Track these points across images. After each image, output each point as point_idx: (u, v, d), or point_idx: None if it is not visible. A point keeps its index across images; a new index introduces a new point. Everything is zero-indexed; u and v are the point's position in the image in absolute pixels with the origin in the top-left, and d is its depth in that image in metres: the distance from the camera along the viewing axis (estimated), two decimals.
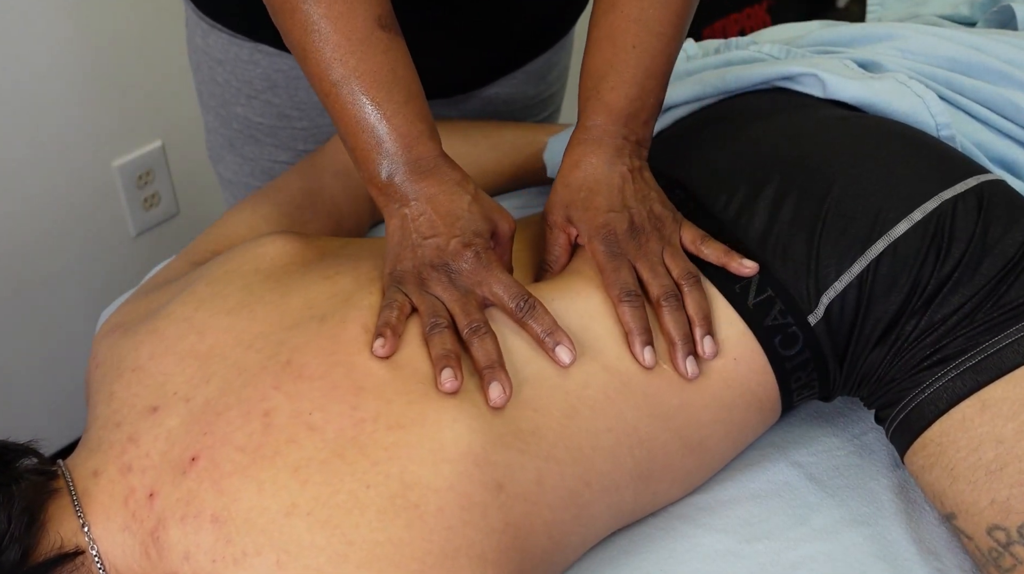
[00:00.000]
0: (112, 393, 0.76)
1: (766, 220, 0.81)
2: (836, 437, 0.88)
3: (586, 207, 0.81)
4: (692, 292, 0.79)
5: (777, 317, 0.79)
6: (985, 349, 0.74)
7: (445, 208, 0.76)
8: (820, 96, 0.91)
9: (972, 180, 0.79)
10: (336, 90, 0.76)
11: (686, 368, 0.77)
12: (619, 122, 0.82)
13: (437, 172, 0.77)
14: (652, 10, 0.81)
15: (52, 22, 1.45)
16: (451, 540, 0.66)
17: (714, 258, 0.80)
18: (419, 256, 0.76)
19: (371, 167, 0.77)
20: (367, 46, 0.76)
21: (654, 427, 0.77)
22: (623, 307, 0.77)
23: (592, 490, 0.74)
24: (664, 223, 0.82)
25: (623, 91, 0.82)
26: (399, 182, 0.76)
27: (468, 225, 0.76)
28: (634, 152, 0.83)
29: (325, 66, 0.76)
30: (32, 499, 0.70)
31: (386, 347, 0.72)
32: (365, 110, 0.76)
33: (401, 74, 0.77)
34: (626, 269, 0.79)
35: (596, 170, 0.82)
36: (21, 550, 0.67)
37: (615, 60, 0.82)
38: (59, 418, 1.64)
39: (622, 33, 0.81)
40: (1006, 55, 0.93)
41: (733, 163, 0.86)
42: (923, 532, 0.80)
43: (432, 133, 0.78)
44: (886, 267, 0.77)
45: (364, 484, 0.66)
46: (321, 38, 0.75)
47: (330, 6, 0.75)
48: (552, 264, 0.84)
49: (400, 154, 0.76)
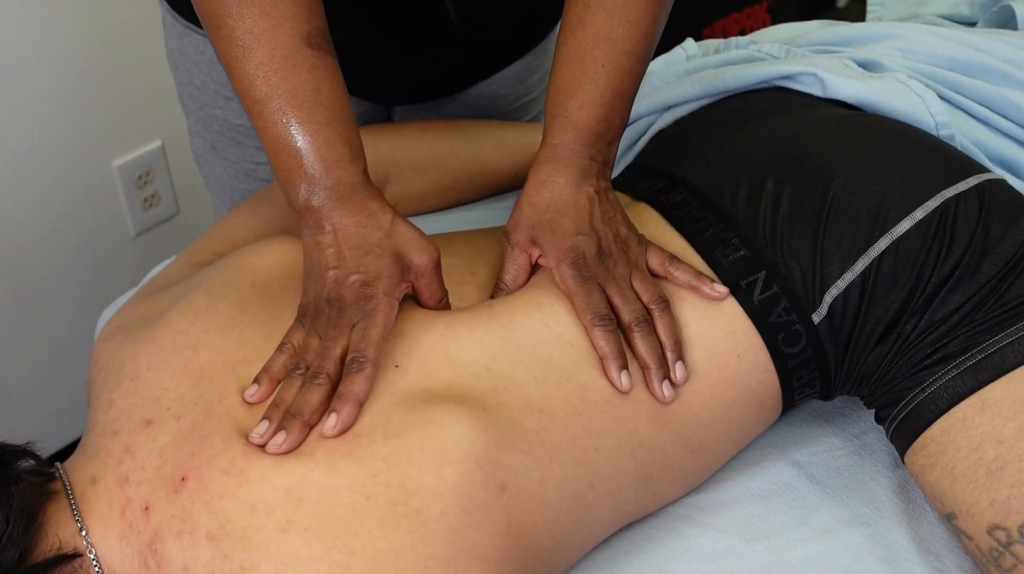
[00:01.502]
0: (111, 401, 0.76)
1: (771, 217, 0.81)
2: (836, 437, 0.88)
3: (553, 230, 0.79)
4: (663, 316, 0.78)
5: (781, 314, 0.79)
6: (985, 348, 0.74)
7: (354, 241, 0.74)
8: (820, 95, 0.91)
9: (973, 179, 0.79)
10: (259, 108, 0.74)
11: (662, 392, 0.76)
12: (586, 142, 0.81)
13: (355, 199, 0.75)
14: (621, 29, 0.79)
15: (52, 22, 1.45)
16: (453, 543, 0.65)
17: (684, 281, 0.80)
18: (322, 287, 0.74)
19: (291, 188, 0.75)
20: (292, 64, 0.74)
21: (654, 430, 0.77)
22: (596, 332, 0.76)
23: (596, 492, 0.74)
24: (630, 246, 0.81)
25: (591, 110, 0.80)
26: (316, 206, 0.74)
27: (374, 262, 0.74)
28: (600, 173, 0.82)
29: (249, 82, 0.74)
30: (30, 500, 0.70)
31: (256, 396, 0.72)
32: (286, 130, 0.74)
33: (326, 94, 0.75)
34: (597, 293, 0.78)
35: (563, 191, 0.80)
36: (19, 551, 0.67)
37: (584, 79, 0.80)
38: (58, 419, 1.64)
39: (591, 51, 0.80)
40: (1006, 55, 0.93)
41: (735, 161, 0.86)
42: (923, 532, 0.80)
43: (355, 156, 0.76)
44: (888, 265, 0.77)
45: (363, 496, 0.66)
46: (245, 53, 0.73)
47: (255, 21, 0.73)
48: (509, 283, 0.82)
49: (319, 177, 0.74)
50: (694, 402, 0.78)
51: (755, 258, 0.80)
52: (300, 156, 0.74)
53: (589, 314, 0.77)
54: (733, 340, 0.79)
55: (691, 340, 0.79)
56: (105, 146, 1.59)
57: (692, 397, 0.78)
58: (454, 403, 0.70)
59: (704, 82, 0.95)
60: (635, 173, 0.93)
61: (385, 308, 0.73)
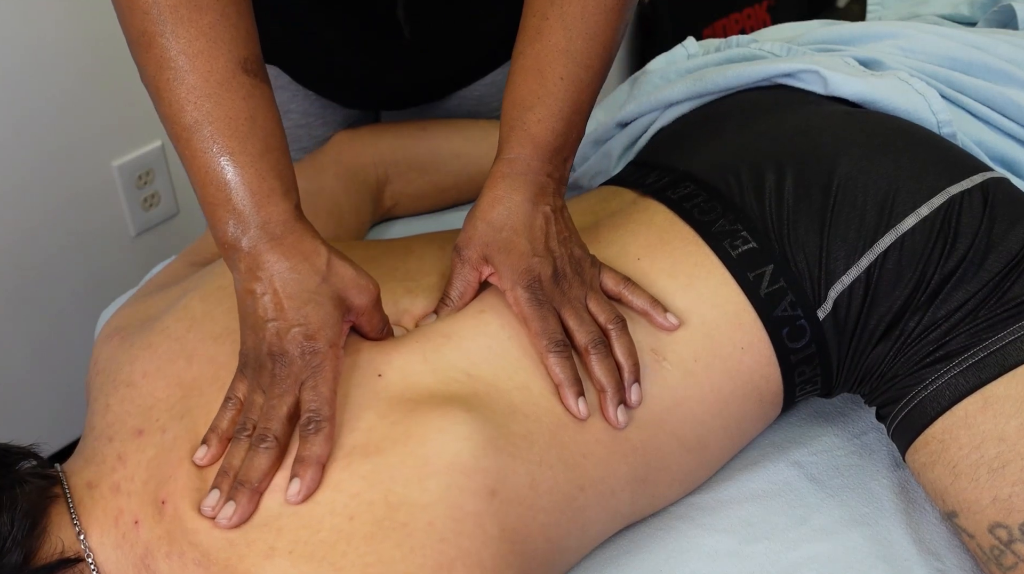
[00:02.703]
0: (108, 406, 0.77)
1: (778, 210, 0.81)
2: (836, 437, 0.88)
3: (508, 250, 0.77)
4: (620, 337, 0.76)
5: (787, 308, 0.79)
6: (988, 346, 0.74)
7: (291, 289, 0.70)
8: (822, 93, 0.91)
9: (978, 177, 0.79)
10: (188, 135, 0.69)
11: (616, 417, 0.75)
12: (544, 157, 0.78)
13: (288, 239, 0.70)
14: (580, 41, 0.77)
15: (52, 22, 1.45)
16: (445, 552, 0.65)
17: (638, 305, 0.79)
18: (261, 339, 0.70)
19: (218, 224, 0.70)
20: (226, 90, 0.69)
21: (647, 432, 0.77)
22: (551, 358, 0.74)
23: (587, 494, 0.74)
24: (584, 267, 0.79)
25: (550, 124, 0.78)
26: (246, 247, 0.70)
27: (314, 312, 0.70)
28: (556, 191, 0.80)
29: (179, 107, 0.69)
30: (35, 503, 0.70)
31: (206, 459, 0.70)
32: (216, 160, 0.69)
33: (260, 123, 0.70)
34: (552, 318, 0.76)
35: (519, 209, 0.77)
36: (23, 553, 0.68)
37: (543, 92, 0.77)
38: (58, 419, 1.64)
39: (550, 64, 0.77)
40: (1007, 54, 0.93)
41: (741, 155, 0.86)
42: (923, 532, 0.80)
43: (287, 191, 0.71)
44: (893, 261, 0.77)
45: (346, 517, 0.66)
46: (177, 76, 0.69)
47: (190, 42, 0.68)
48: (455, 299, 0.79)
49: (249, 214, 0.69)
50: (692, 397, 0.78)
51: (763, 251, 0.80)
52: (229, 189, 0.69)
53: (544, 340, 0.75)
54: (740, 332, 0.79)
55: (695, 328, 0.79)
56: (105, 146, 1.59)
57: (691, 389, 0.78)
58: (436, 414, 0.70)
59: (706, 80, 0.95)
60: (638, 169, 0.92)
61: (332, 360, 0.70)
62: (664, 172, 0.88)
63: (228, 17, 0.69)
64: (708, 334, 0.79)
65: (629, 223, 0.85)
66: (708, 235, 0.81)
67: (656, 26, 2.20)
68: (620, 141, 1.02)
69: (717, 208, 0.83)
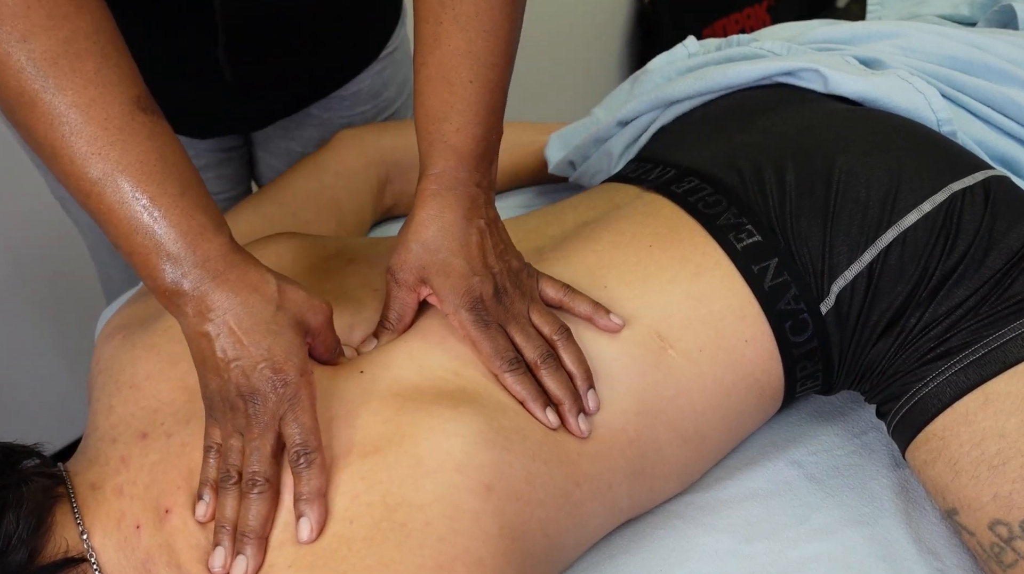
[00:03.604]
0: (111, 407, 0.77)
1: (783, 205, 0.81)
2: (836, 436, 0.88)
3: (446, 272, 0.75)
4: (568, 346, 0.76)
5: (790, 302, 0.79)
6: (989, 343, 0.74)
7: (247, 323, 0.67)
8: (822, 91, 0.91)
9: (980, 174, 0.79)
10: (99, 188, 0.65)
11: (579, 427, 0.74)
12: (469, 166, 0.76)
13: (232, 273, 0.68)
14: (480, 41, 0.74)
15: None
16: (444, 551, 0.65)
17: (581, 311, 0.78)
18: (226, 381, 0.68)
19: (153, 273, 0.66)
20: (129, 134, 0.65)
21: (644, 424, 0.77)
22: (508, 378, 0.74)
23: (583, 490, 0.74)
24: (522, 279, 0.78)
25: (469, 131, 0.75)
26: (189, 289, 0.67)
27: (277, 343, 0.67)
28: (488, 201, 0.78)
29: (81, 162, 0.65)
30: (39, 502, 0.70)
31: (207, 514, 0.68)
32: (136, 209, 0.65)
33: (172, 161, 0.67)
34: (501, 336, 0.75)
35: (454, 228, 0.75)
36: (28, 552, 0.68)
37: (454, 99, 0.75)
38: (59, 418, 1.64)
39: (455, 69, 0.74)
40: (1008, 54, 0.93)
41: (744, 150, 0.86)
42: (923, 532, 0.80)
43: (217, 225, 0.68)
44: (895, 257, 0.77)
45: (346, 521, 0.66)
46: (73, 130, 0.64)
47: (79, 92, 0.64)
48: (394, 322, 0.78)
49: (185, 255, 0.66)
50: (692, 389, 0.78)
51: (768, 244, 0.80)
52: (157, 236, 0.65)
53: (497, 360, 0.74)
54: (744, 324, 0.79)
55: (703, 318, 0.79)
56: None
57: (694, 380, 0.78)
58: (424, 412, 0.70)
59: (706, 78, 0.95)
60: (641, 165, 0.92)
61: (306, 388, 0.68)
62: (668, 168, 0.88)
63: (110, 58, 0.65)
64: (714, 325, 0.79)
65: (636, 215, 0.85)
66: (713, 228, 0.81)
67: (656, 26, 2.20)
68: (621, 140, 1.02)
69: (723, 202, 0.83)
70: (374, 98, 1.14)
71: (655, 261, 0.81)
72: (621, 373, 0.77)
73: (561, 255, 0.83)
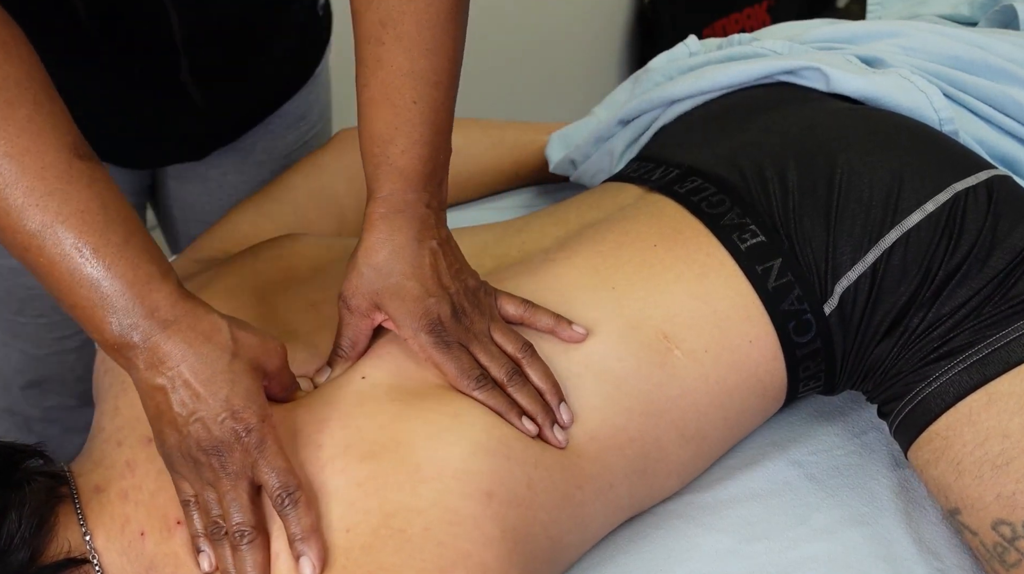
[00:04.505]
0: (117, 408, 0.76)
1: (786, 204, 0.81)
2: (837, 436, 0.88)
3: (401, 296, 0.73)
4: (533, 363, 0.75)
5: (794, 302, 0.79)
6: (992, 343, 0.74)
7: (205, 374, 0.65)
8: (824, 90, 0.91)
9: (983, 174, 0.79)
10: (38, 241, 0.62)
11: (556, 438, 0.73)
12: (417, 187, 0.74)
13: (183, 322, 0.65)
14: (423, 60, 0.71)
15: None
16: (444, 555, 0.65)
17: (543, 325, 0.77)
18: (186, 436, 0.65)
19: (100, 326, 0.64)
20: (68, 182, 0.63)
21: (647, 424, 0.77)
22: (478, 395, 0.73)
23: (584, 492, 0.74)
24: (480, 297, 0.77)
25: (415, 152, 0.73)
26: (140, 342, 0.64)
27: (235, 392, 0.65)
28: (439, 221, 0.76)
29: (18, 215, 0.62)
30: (42, 502, 0.70)
31: (211, 562, 0.68)
32: (78, 261, 0.63)
33: (113, 208, 0.64)
34: (464, 355, 0.74)
35: (405, 250, 0.73)
36: (30, 552, 0.68)
37: (399, 120, 0.72)
38: None
39: (398, 90, 0.72)
40: (1009, 54, 0.93)
41: (747, 149, 0.86)
42: (923, 532, 0.80)
43: (164, 272, 0.66)
44: (898, 257, 0.77)
45: (343, 530, 0.65)
46: (7, 182, 0.61)
47: (11, 142, 0.61)
48: (348, 351, 0.76)
49: (133, 307, 0.64)
50: (697, 389, 0.78)
51: (771, 244, 0.80)
52: (102, 288, 0.63)
53: (464, 379, 0.73)
54: (748, 324, 0.79)
55: (708, 318, 0.79)
56: None
57: (698, 380, 0.78)
58: (422, 420, 0.70)
59: (707, 77, 0.95)
60: (643, 165, 0.92)
61: (270, 431, 0.66)
62: (670, 167, 0.88)
63: (42, 104, 0.63)
64: (719, 325, 0.79)
65: (640, 215, 0.85)
66: (717, 228, 0.81)
67: (656, 26, 2.20)
68: (622, 139, 1.02)
69: (726, 202, 0.82)
70: (299, 120, 1.11)
71: (660, 261, 0.81)
72: (628, 373, 0.77)
73: (566, 255, 0.82)
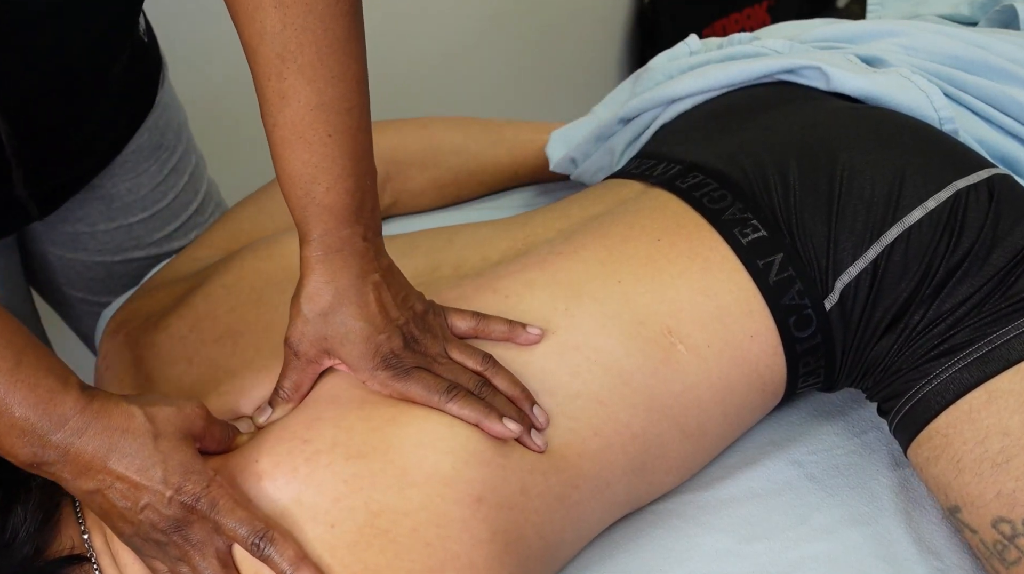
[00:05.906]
0: None
1: (788, 200, 0.81)
2: (837, 435, 0.88)
3: (350, 340, 0.71)
4: (498, 374, 0.74)
5: (794, 297, 0.79)
6: (992, 340, 0.74)
7: (134, 466, 0.63)
8: (824, 89, 0.91)
9: (984, 172, 0.79)
10: None
11: (536, 443, 0.72)
12: (351, 222, 0.71)
13: (95, 424, 0.63)
14: (330, 89, 0.68)
15: None
16: (432, 556, 0.65)
17: (499, 334, 0.76)
18: (140, 524, 0.65)
19: (13, 450, 0.62)
20: None
21: (650, 420, 0.77)
22: (453, 406, 0.71)
23: (580, 491, 0.74)
24: (429, 321, 0.75)
25: (341, 187, 0.69)
26: (58, 459, 0.63)
27: (170, 470, 0.64)
28: (378, 251, 0.73)
29: None
30: (48, 497, 0.70)
31: None
32: None
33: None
34: (427, 375, 0.72)
35: (349, 291, 0.71)
36: (34, 547, 0.68)
37: (317, 158, 0.69)
38: None
39: (310, 125, 0.68)
40: (1009, 54, 0.93)
41: (747, 148, 0.86)
42: (923, 531, 0.80)
43: (63, 380, 0.63)
44: (899, 254, 0.77)
45: (328, 525, 0.65)
46: None
47: None
48: (291, 393, 0.73)
49: (40, 425, 0.62)
50: (700, 384, 0.78)
51: (773, 239, 0.80)
52: (5, 418, 0.61)
53: (434, 395, 0.71)
54: (750, 319, 0.79)
55: (711, 313, 0.79)
56: None
57: (700, 376, 0.78)
58: (414, 426, 0.70)
59: (708, 76, 0.95)
60: (644, 161, 0.92)
61: (221, 489, 0.66)
62: (672, 164, 0.88)
63: None
64: (721, 320, 0.79)
65: (643, 210, 0.85)
66: (719, 223, 0.81)
67: (656, 26, 2.20)
68: (623, 137, 1.02)
69: (727, 197, 0.82)
70: (156, 149, 1.05)
71: (664, 255, 0.81)
72: (634, 369, 0.76)
73: (573, 249, 0.82)
